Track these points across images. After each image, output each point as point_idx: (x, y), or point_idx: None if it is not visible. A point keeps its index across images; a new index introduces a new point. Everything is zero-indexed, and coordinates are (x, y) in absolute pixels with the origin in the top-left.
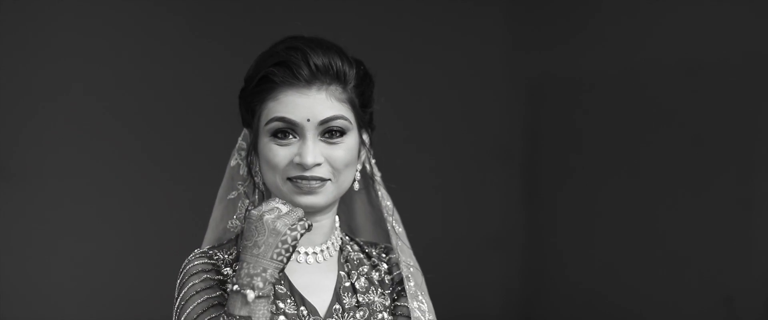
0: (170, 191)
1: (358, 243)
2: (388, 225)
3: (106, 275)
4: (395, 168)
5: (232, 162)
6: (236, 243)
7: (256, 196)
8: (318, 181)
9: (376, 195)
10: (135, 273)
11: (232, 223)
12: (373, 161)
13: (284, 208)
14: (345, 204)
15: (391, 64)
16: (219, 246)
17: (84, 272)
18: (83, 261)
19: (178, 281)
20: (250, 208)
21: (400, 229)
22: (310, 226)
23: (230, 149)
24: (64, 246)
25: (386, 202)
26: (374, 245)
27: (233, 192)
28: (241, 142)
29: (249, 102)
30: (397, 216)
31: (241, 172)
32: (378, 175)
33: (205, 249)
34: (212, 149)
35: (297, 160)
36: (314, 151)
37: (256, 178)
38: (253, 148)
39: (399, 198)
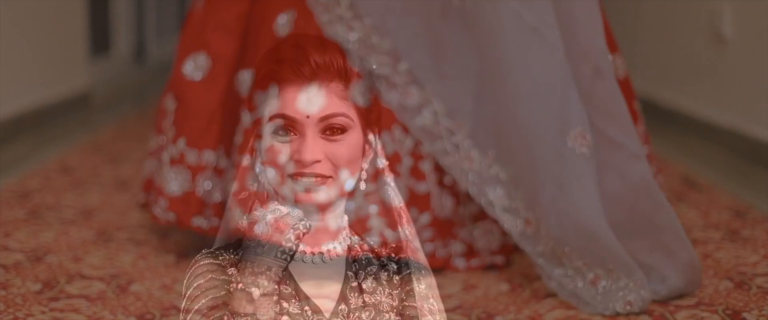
0: None
1: (367, 243)
2: (398, 225)
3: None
4: None
5: (244, 162)
6: (242, 243)
7: (265, 195)
8: (318, 178)
9: (387, 195)
10: None
11: (241, 223)
12: (385, 162)
13: (284, 209)
14: (356, 204)
15: None
16: (226, 246)
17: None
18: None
19: (185, 281)
20: (253, 210)
21: (411, 230)
22: (310, 227)
23: None
24: None
25: (396, 203)
26: (384, 245)
27: (244, 193)
28: (252, 142)
29: (254, 101)
30: (407, 216)
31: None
32: (390, 177)
33: (212, 249)
34: None
35: (296, 156)
36: (313, 147)
37: (260, 178)
38: (259, 147)
39: None
